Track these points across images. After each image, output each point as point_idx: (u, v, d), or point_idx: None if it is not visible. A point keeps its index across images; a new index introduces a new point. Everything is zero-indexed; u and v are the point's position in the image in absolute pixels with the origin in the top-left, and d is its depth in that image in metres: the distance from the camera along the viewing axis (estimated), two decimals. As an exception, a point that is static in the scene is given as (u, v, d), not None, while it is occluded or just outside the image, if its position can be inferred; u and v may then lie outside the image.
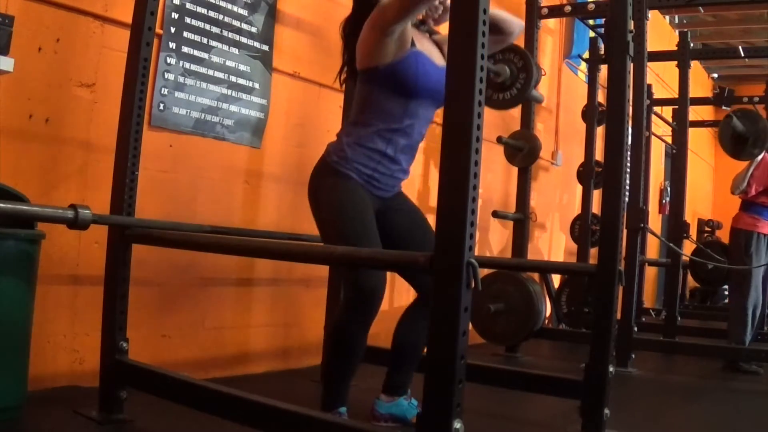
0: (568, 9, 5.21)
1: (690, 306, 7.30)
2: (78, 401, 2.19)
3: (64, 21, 2.35)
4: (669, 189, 7.32)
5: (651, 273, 7.87)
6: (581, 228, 5.46)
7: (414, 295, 2.19)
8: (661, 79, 7.31)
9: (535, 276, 4.39)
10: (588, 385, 2.26)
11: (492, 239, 4.96)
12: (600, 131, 5.12)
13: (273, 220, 3.08)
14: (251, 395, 1.80)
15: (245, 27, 2.98)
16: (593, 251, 5.14)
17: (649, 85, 5.68)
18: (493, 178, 4.84)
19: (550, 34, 5.60)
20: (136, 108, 2.15)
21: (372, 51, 1.99)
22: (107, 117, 2.38)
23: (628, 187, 3.45)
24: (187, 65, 2.75)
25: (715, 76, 10.19)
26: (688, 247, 5.53)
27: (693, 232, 7.71)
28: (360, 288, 1.90)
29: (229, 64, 2.91)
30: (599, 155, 5.11)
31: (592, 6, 4.78)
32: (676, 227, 4.96)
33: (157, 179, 2.64)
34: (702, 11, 7.84)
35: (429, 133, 2.21)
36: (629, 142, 2.90)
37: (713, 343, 4.35)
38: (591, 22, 5.44)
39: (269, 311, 3.15)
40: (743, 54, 5.69)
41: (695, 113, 7.71)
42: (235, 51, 2.94)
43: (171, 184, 2.72)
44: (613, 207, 2.35)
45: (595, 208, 5.23)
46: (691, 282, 7.56)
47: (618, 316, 2.92)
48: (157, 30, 2.39)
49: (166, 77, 2.67)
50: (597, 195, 5.22)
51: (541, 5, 4.72)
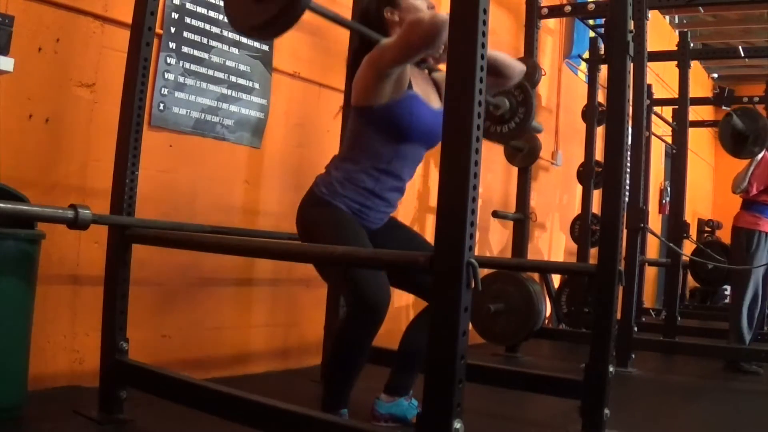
0: (568, 9, 5.21)
1: (690, 306, 7.30)
2: (78, 401, 2.19)
3: (64, 21, 2.35)
4: (669, 189, 7.33)
5: (651, 273, 7.87)
6: (581, 228, 5.46)
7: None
8: (661, 79, 7.31)
9: (535, 276, 4.39)
10: (588, 385, 2.26)
11: (492, 239, 4.96)
12: (600, 131, 5.12)
13: (273, 220, 3.08)
14: (251, 395, 1.80)
15: (245, 27, 2.98)
16: (593, 251, 5.14)
17: (649, 85, 5.68)
18: (493, 178, 4.85)
19: (550, 34, 5.60)
20: (136, 108, 2.15)
21: (367, 90, 1.97)
22: (107, 117, 2.39)
23: (628, 187, 3.45)
24: (187, 65, 2.75)
25: (715, 76, 10.19)
26: (688, 247, 5.53)
27: (693, 232, 7.71)
28: (364, 302, 1.85)
29: (229, 64, 2.91)
30: (599, 155, 5.11)
31: (592, 6, 4.78)
32: (676, 227, 4.96)
33: (157, 179, 2.64)
34: (702, 11, 7.84)
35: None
36: (629, 142, 2.89)
37: (713, 343, 4.35)
38: (591, 22, 5.44)
39: (269, 311, 3.15)
40: (743, 54, 5.70)
41: (695, 113, 7.71)
42: (235, 51, 2.94)
43: (171, 184, 2.72)
44: (613, 207, 2.35)
45: (595, 208, 5.23)
46: (691, 282, 7.56)
47: (618, 316, 2.92)
48: (157, 30, 2.39)
49: (166, 77, 2.67)
50: (597, 195, 5.22)
51: (541, 5, 4.72)
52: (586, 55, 5.72)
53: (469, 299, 1.38)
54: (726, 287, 7.46)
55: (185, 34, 2.74)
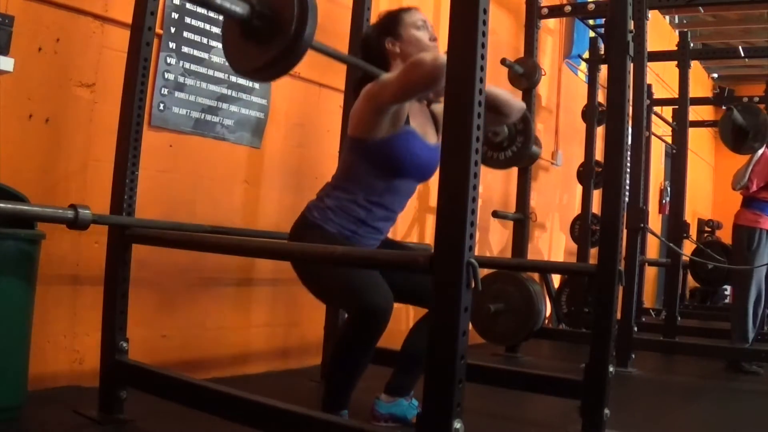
0: (568, 9, 5.21)
1: (690, 306, 7.30)
2: (78, 401, 2.19)
3: (64, 21, 2.35)
4: (669, 189, 7.33)
5: (651, 273, 7.87)
6: (581, 228, 5.46)
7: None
8: (661, 79, 7.31)
9: (535, 276, 4.39)
10: (588, 385, 2.26)
11: (492, 239, 4.96)
12: (600, 131, 5.13)
13: (273, 220, 3.08)
14: (251, 395, 1.80)
15: (245, 27, 2.98)
16: (593, 251, 5.14)
17: (649, 85, 5.68)
18: (493, 178, 4.84)
19: (550, 34, 5.60)
20: (136, 108, 2.15)
21: (364, 123, 1.97)
22: (107, 117, 2.38)
23: (628, 187, 3.45)
24: (187, 65, 2.75)
25: (715, 76, 10.19)
26: (688, 247, 5.53)
27: (693, 232, 7.72)
28: (366, 307, 1.84)
29: (229, 64, 2.91)
30: (599, 155, 5.11)
31: (592, 6, 4.78)
32: (676, 227, 4.96)
33: (157, 179, 2.64)
34: (702, 11, 7.84)
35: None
36: (629, 142, 2.90)
37: (713, 343, 4.36)
38: (591, 22, 5.44)
39: (269, 311, 3.15)
40: (743, 54, 5.70)
41: (695, 113, 7.71)
42: (235, 51, 2.93)
43: (171, 184, 2.72)
44: (613, 207, 2.35)
45: (595, 208, 5.23)
46: (691, 282, 7.56)
47: (618, 316, 2.93)
48: (157, 30, 2.39)
49: (166, 77, 2.67)
50: (597, 195, 5.22)
51: (541, 5, 4.72)
52: (586, 55, 5.72)
53: (469, 299, 1.38)
54: (726, 287, 7.48)
55: (185, 34, 2.74)
